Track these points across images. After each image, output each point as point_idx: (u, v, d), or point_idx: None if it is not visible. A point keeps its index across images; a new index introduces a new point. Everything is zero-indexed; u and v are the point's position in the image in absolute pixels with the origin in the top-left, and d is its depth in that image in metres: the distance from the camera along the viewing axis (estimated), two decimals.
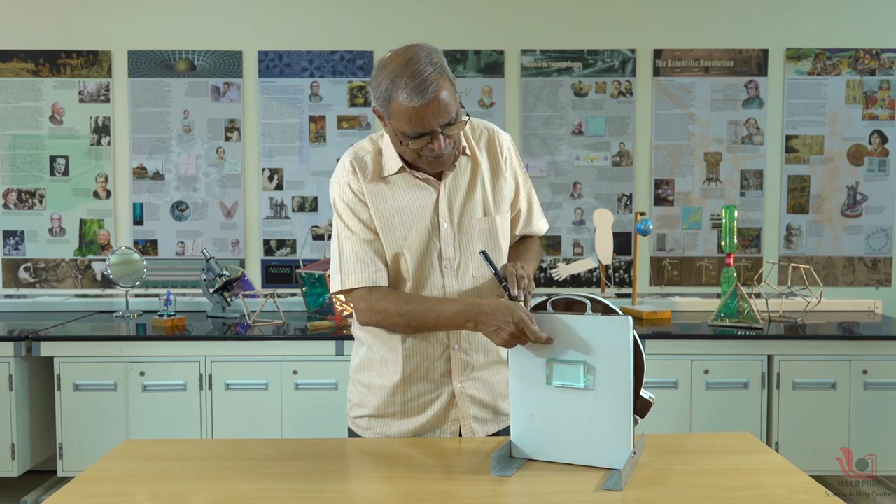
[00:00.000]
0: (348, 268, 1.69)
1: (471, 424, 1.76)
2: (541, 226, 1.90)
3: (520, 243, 1.88)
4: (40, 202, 3.94)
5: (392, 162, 1.69)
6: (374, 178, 1.70)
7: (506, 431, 1.78)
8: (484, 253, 1.62)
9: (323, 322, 3.23)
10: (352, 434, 1.84)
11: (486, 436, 1.77)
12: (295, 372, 3.09)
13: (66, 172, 3.93)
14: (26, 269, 3.95)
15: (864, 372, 3.08)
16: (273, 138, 3.94)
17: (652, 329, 3.22)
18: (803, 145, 3.95)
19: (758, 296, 3.52)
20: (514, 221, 1.83)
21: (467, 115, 1.65)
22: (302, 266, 3.57)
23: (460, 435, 1.76)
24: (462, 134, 1.72)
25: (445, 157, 1.63)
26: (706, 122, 3.94)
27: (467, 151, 1.73)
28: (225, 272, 3.49)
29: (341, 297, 3.25)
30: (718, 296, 3.56)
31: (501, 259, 1.77)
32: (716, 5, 3.92)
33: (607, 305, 1.52)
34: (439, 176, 1.71)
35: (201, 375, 3.09)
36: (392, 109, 1.56)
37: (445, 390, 1.74)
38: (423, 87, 1.52)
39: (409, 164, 1.69)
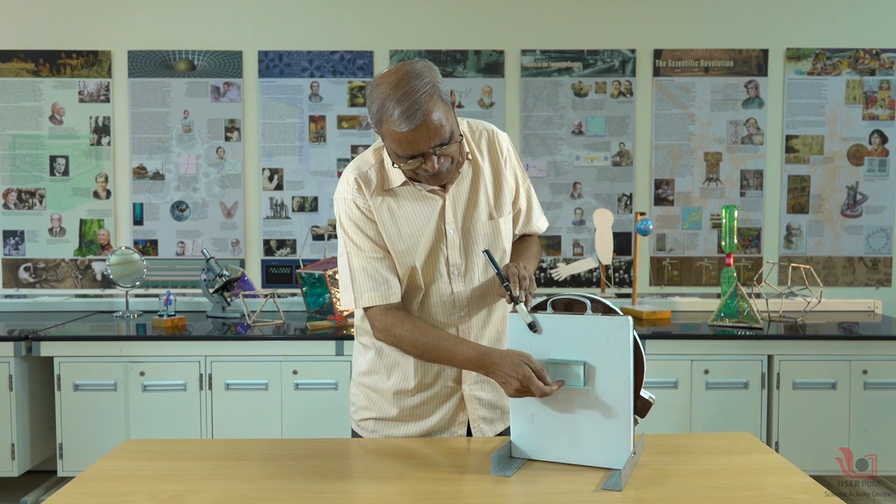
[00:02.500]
0: (360, 286, 1.68)
1: (480, 426, 1.77)
2: (540, 224, 1.90)
3: (519, 242, 1.88)
4: (40, 202, 3.94)
5: (396, 174, 1.67)
6: (379, 192, 1.68)
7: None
8: (487, 252, 1.62)
9: (323, 322, 3.23)
10: (356, 437, 1.84)
11: (495, 434, 1.78)
12: (295, 372, 3.09)
13: (66, 172, 3.93)
14: (26, 269, 3.95)
15: (864, 372, 3.08)
16: (273, 138, 3.94)
17: (652, 329, 3.22)
18: (803, 145, 3.95)
19: (758, 296, 3.52)
20: (514, 220, 1.83)
21: (461, 136, 1.61)
22: (302, 266, 3.57)
23: (469, 435, 1.77)
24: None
25: (444, 174, 1.60)
26: (706, 122, 3.94)
27: (468, 155, 1.71)
28: (225, 272, 3.49)
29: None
30: (718, 296, 3.56)
31: (505, 260, 1.78)
32: (716, 5, 3.92)
33: (607, 305, 1.52)
34: (444, 185, 1.69)
35: (201, 375, 3.09)
36: (384, 131, 1.54)
37: (455, 394, 1.76)
38: (412, 111, 1.48)
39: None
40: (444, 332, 1.69)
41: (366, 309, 1.70)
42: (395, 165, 1.60)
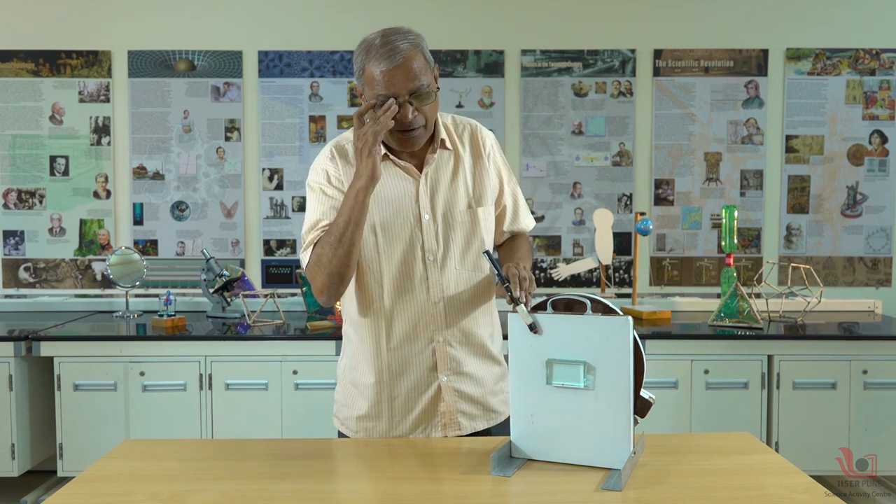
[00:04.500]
0: (305, 245, 1.73)
1: (458, 419, 1.76)
2: (528, 222, 1.92)
3: (511, 242, 1.89)
4: (40, 202, 3.94)
5: None
6: (354, 164, 1.70)
7: (497, 428, 1.79)
8: (487, 253, 1.62)
9: (323, 322, 3.23)
10: (341, 436, 1.84)
11: (474, 432, 1.77)
12: (295, 372, 3.09)
13: (66, 172, 3.93)
14: (26, 269, 3.95)
15: (864, 372, 3.08)
16: (273, 138, 3.94)
17: (652, 329, 3.22)
18: (803, 145, 3.95)
19: (758, 296, 3.52)
20: (500, 218, 1.85)
21: (438, 88, 1.68)
22: (302, 266, 3.57)
23: (447, 429, 1.76)
24: (444, 128, 1.76)
25: (416, 136, 1.66)
26: (706, 122, 3.94)
27: (448, 146, 1.75)
28: (225, 272, 3.49)
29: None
30: (718, 296, 3.56)
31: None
32: (716, 5, 3.92)
33: (607, 305, 1.52)
34: (420, 167, 1.73)
35: (201, 375, 3.09)
36: (365, 78, 1.62)
37: (432, 385, 1.75)
38: (393, 53, 1.58)
39: (391, 151, 1.72)
40: None
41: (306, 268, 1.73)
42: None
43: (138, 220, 3.95)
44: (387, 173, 1.72)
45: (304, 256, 1.72)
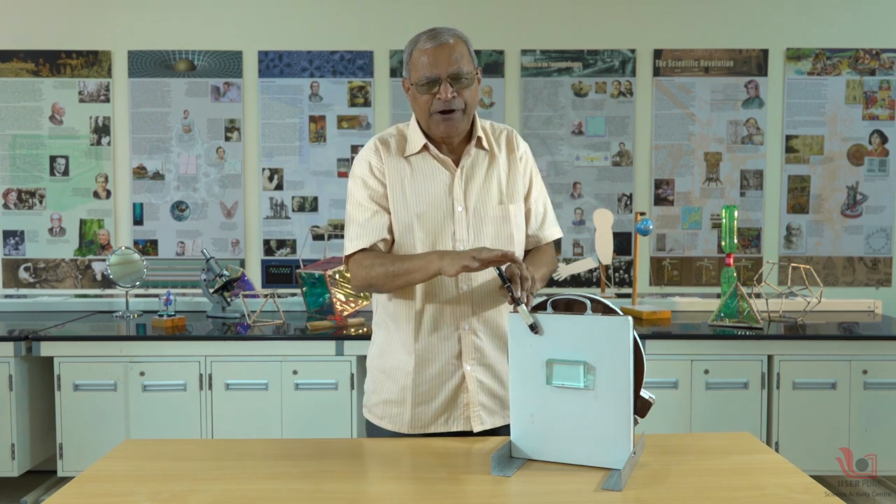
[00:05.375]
0: (352, 235, 1.81)
1: (479, 412, 1.80)
2: (553, 231, 1.97)
3: (534, 251, 1.94)
4: (40, 202, 3.94)
5: (415, 142, 1.82)
6: (396, 157, 1.82)
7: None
8: None
9: (323, 322, 3.23)
10: (368, 424, 1.89)
11: (493, 427, 1.81)
12: (295, 372, 3.09)
13: (66, 172, 3.93)
14: (26, 269, 3.95)
15: (864, 372, 3.08)
16: (273, 138, 3.94)
17: (652, 329, 3.22)
18: (803, 145, 3.95)
19: (758, 296, 3.52)
20: (526, 218, 1.90)
21: (478, 73, 1.80)
22: (302, 266, 3.57)
23: (469, 428, 1.79)
24: (482, 130, 1.85)
25: (455, 118, 1.75)
26: (706, 122, 3.94)
27: (485, 146, 1.84)
28: (225, 272, 3.49)
29: (341, 295, 3.27)
30: (718, 296, 3.56)
31: (512, 247, 1.83)
32: (716, 5, 3.92)
33: (607, 305, 1.53)
34: (457, 162, 1.82)
35: (201, 375, 3.09)
36: (412, 62, 1.75)
37: (457, 373, 1.79)
38: (437, 35, 1.73)
39: (430, 141, 1.80)
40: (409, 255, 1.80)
41: (352, 257, 1.80)
42: (415, 89, 1.75)
43: (138, 220, 3.95)
44: (425, 164, 1.81)
45: (349, 241, 1.81)
